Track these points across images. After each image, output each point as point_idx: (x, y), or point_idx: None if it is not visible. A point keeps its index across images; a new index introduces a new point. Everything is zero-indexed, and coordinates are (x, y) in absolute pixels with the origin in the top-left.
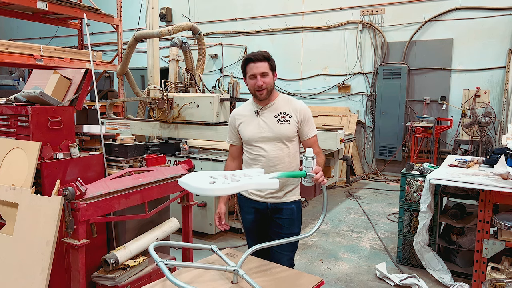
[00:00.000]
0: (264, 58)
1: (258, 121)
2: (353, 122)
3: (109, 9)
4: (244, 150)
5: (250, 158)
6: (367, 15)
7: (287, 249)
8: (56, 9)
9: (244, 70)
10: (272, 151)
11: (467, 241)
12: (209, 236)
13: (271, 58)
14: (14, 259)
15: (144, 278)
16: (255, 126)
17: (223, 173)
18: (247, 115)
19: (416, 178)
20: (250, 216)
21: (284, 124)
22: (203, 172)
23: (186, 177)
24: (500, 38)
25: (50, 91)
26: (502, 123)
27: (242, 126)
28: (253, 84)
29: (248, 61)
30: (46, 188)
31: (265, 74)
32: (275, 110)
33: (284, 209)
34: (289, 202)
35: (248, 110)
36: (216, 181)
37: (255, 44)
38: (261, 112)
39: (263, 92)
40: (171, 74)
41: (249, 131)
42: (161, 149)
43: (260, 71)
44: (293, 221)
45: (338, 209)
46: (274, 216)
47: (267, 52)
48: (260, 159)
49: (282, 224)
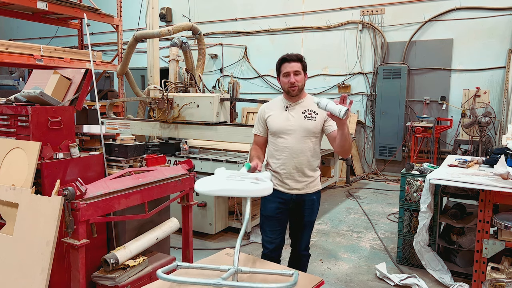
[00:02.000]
0: (298, 59)
1: (287, 115)
2: (353, 122)
3: (109, 9)
4: (269, 142)
5: (275, 149)
6: (367, 15)
7: (306, 235)
8: (56, 9)
9: (278, 69)
10: (296, 143)
11: (467, 241)
12: (209, 236)
13: (303, 59)
14: (14, 259)
15: (144, 278)
16: (283, 119)
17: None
18: (277, 109)
19: (416, 178)
20: (273, 205)
21: (311, 120)
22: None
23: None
24: (500, 38)
25: (50, 91)
26: (502, 123)
27: (271, 118)
28: (287, 81)
29: (283, 61)
30: (46, 188)
31: (297, 72)
32: (303, 107)
33: (307, 200)
34: (311, 193)
35: (278, 105)
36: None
37: (255, 44)
38: (290, 107)
39: (295, 89)
40: (171, 74)
41: (278, 123)
42: (161, 149)
43: (293, 69)
44: (313, 211)
45: (338, 209)
46: (296, 205)
47: (300, 54)
48: (285, 150)
49: (303, 213)
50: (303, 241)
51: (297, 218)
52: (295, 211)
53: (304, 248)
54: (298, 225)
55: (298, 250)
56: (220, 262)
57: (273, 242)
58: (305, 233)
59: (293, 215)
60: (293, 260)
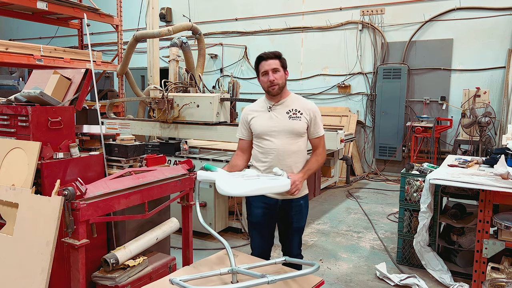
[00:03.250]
0: (275, 56)
1: (270, 116)
2: (353, 122)
3: (109, 9)
4: (254, 144)
5: (260, 152)
6: (367, 15)
7: (296, 242)
8: (56, 9)
9: (256, 69)
10: (282, 145)
11: (467, 241)
12: (209, 236)
13: (281, 56)
14: (14, 259)
15: (144, 278)
16: (267, 120)
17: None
18: (260, 111)
19: (416, 178)
20: (258, 211)
21: (296, 120)
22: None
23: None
24: (500, 38)
25: (50, 91)
26: (502, 123)
27: (254, 121)
28: (266, 80)
29: (260, 60)
30: (46, 188)
31: (276, 70)
32: (287, 106)
33: (294, 205)
34: (298, 198)
35: (260, 106)
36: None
37: (255, 44)
38: (273, 107)
39: (275, 87)
40: (171, 74)
41: (261, 125)
42: (161, 149)
43: (271, 67)
44: (301, 216)
45: (338, 209)
46: (283, 211)
47: (278, 51)
48: (271, 152)
49: (291, 219)
50: (294, 247)
51: (285, 224)
52: (282, 217)
53: (296, 254)
54: (287, 232)
55: (290, 256)
56: (220, 262)
57: (260, 247)
58: (295, 239)
59: (281, 222)
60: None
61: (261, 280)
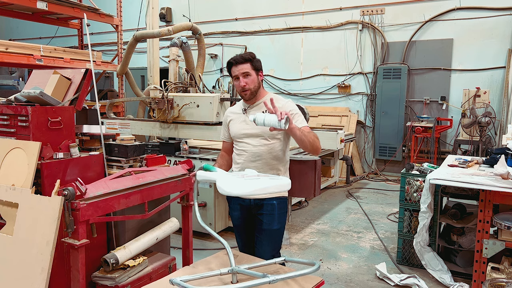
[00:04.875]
0: (244, 59)
1: (245, 119)
2: (353, 122)
3: (109, 9)
4: (233, 146)
5: (236, 154)
6: (367, 15)
7: (267, 247)
8: (56, 9)
9: (229, 73)
10: (254, 147)
11: (467, 241)
12: (209, 236)
13: (253, 58)
14: (14, 259)
15: (144, 278)
16: (241, 123)
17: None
18: (237, 113)
19: (416, 178)
20: (236, 213)
21: None
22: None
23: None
24: (500, 38)
25: (50, 91)
26: (502, 123)
27: (231, 123)
28: (238, 85)
29: (230, 65)
30: (46, 188)
31: (246, 74)
32: (261, 108)
33: (265, 204)
34: (270, 198)
35: (238, 109)
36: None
37: (255, 44)
38: (248, 110)
39: (247, 93)
40: (171, 74)
41: (235, 128)
42: (161, 149)
43: (241, 72)
44: (273, 217)
45: (338, 209)
46: (256, 212)
47: (250, 53)
48: (243, 153)
49: (262, 219)
50: (264, 252)
51: (256, 226)
52: (254, 219)
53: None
54: (258, 232)
55: None
56: (220, 262)
57: (243, 250)
58: (265, 244)
59: (252, 224)
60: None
61: (262, 280)
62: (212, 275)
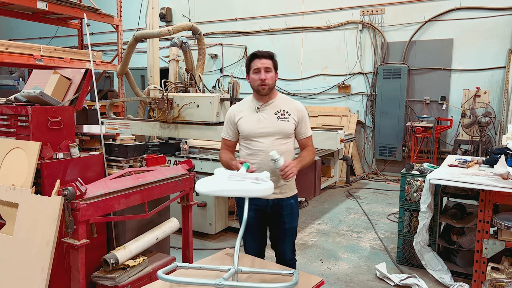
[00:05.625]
0: (269, 55)
1: (258, 117)
2: (353, 122)
3: (109, 9)
4: (241, 145)
5: (248, 154)
6: (367, 15)
7: (289, 243)
8: (56, 9)
9: (248, 65)
10: (270, 146)
11: (467, 241)
12: (209, 236)
13: (274, 57)
14: (14, 259)
15: (144, 278)
16: (255, 121)
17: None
18: (247, 111)
19: (416, 178)
20: (250, 213)
21: (284, 121)
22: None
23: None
24: (500, 38)
25: (50, 91)
26: (502, 123)
27: (242, 121)
28: (257, 78)
29: (254, 57)
30: (46, 188)
31: (268, 69)
32: (275, 107)
33: (285, 205)
34: (288, 197)
35: (247, 107)
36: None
37: (255, 44)
38: (261, 108)
39: (265, 87)
40: (171, 74)
41: (250, 126)
42: (161, 149)
43: (264, 65)
44: (293, 215)
45: (338, 209)
46: (275, 211)
47: (272, 52)
48: (259, 153)
49: (283, 219)
50: (288, 250)
51: (277, 226)
52: (274, 219)
53: (290, 258)
54: (279, 234)
55: (284, 260)
56: (220, 262)
57: (253, 250)
58: (288, 241)
59: (273, 224)
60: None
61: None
62: (211, 269)
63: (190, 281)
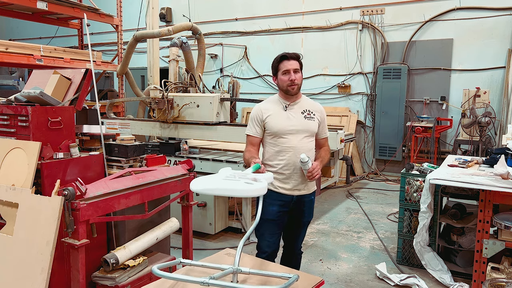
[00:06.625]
0: (297, 57)
1: (288, 115)
2: (353, 122)
3: (109, 9)
4: (267, 143)
5: (277, 150)
6: (367, 15)
7: (302, 236)
8: (56, 9)
9: (276, 67)
10: (299, 143)
11: (467, 241)
12: (209, 236)
13: (301, 58)
14: (14, 259)
15: (144, 278)
16: (284, 119)
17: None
18: (275, 109)
19: (416, 178)
20: (274, 208)
21: (311, 120)
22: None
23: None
24: (500, 38)
25: (50, 91)
26: (502, 123)
27: (271, 119)
28: (287, 79)
29: (283, 59)
30: (46, 188)
31: (297, 70)
32: (301, 107)
33: (306, 201)
34: (309, 193)
35: (275, 105)
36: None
37: (255, 44)
38: (289, 107)
39: (294, 87)
40: (171, 74)
41: (279, 123)
42: (161, 149)
43: (293, 67)
44: (311, 210)
45: (338, 209)
46: (296, 206)
47: (299, 54)
48: (288, 150)
49: (304, 213)
50: (300, 241)
51: (296, 219)
52: (295, 213)
53: (299, 248)
54: (297, 226)
55: (294, 250)
56: (220, 262)
57: (271, 246)
58: (303, 233)
59: (293, 216)
60: (287, 259)
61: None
62: (213, 267)
63: (179, 278)
